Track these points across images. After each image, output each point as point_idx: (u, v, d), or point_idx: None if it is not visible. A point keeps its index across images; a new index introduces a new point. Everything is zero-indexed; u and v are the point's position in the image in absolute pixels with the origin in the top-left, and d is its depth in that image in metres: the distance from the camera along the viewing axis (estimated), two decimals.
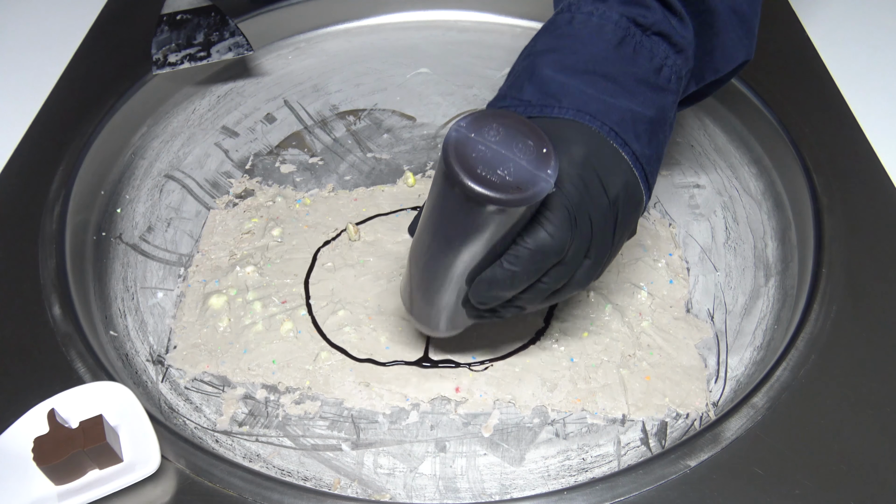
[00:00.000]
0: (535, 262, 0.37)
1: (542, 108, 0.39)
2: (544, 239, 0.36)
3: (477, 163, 0.33)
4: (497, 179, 0.33)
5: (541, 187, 0.33)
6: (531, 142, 0.34)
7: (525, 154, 0.34)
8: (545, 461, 0.45)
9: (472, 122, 0.34)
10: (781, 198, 0.58)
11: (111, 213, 0.59)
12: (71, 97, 0.65)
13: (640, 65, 0.40)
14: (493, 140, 0.34)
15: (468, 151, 0.33)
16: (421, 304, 0.43)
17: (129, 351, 0.51)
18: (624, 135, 0.39)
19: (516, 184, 0.33)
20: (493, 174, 0.33)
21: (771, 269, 0.55)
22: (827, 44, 0.67)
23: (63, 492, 0.40)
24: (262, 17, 0.72)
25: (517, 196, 0.33)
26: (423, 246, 0.39)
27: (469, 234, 0.36)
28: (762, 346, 0.50)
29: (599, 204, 0.37)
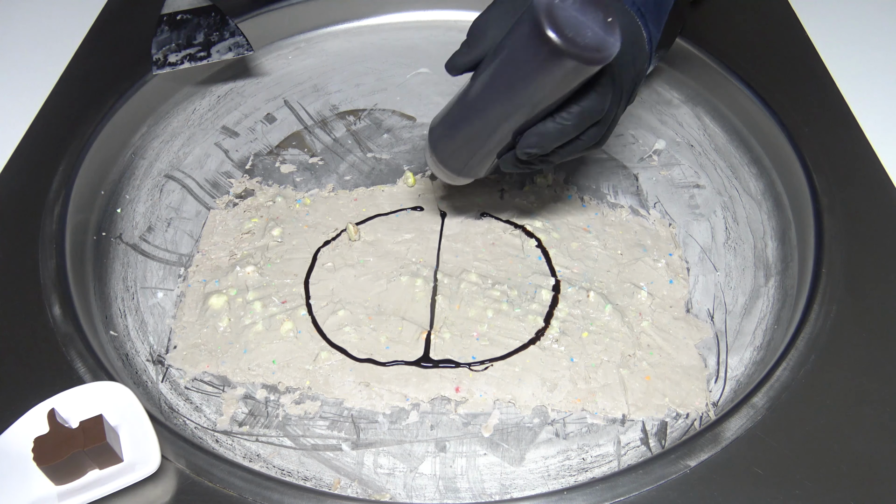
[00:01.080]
0: (584, 119, 0.42)
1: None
2: (594, 99, 0.42)
3: (564, 25, 0.38)
4: (581, 40, 0.38)
5: (612, 50, 0.39)
6: (601, 12, 0.39)
7: (596, 22, 0.39)
8: (545, 461, 0.45)
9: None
10: (781, 198, 0.58)
11: (111, 213, 0.59)
12: (71, 97, 0.65)
13: None
14: (572, 6, 0.39)
15: (556, 15, 0.38)
16: (456, 145, 0.48)
17: (129, 351, 0.51)
18: (647, 15, 0.45)
19: (596, 45, 0.38)
20: (577, 35, 0.38)
21: (771, 269, 0.55)
22: (827, 44, 0.67)
23: (63, 492, 0.40)
24: (262, 17, 0.72)
25: (596, 55, 0.38)
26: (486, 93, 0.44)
27: (543, 86, 0.41)
28: (762, 346, 0.50)
29: (630, 75, 0.44)
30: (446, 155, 0.49)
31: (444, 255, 0.56)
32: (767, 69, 0.64)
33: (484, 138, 0.46)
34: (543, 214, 0.58)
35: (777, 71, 0.64)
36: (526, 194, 0.60)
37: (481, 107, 0.45)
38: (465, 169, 0.49)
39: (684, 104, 0.67)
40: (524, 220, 0.58)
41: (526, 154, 0.45)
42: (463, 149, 0.48)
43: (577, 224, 0.58)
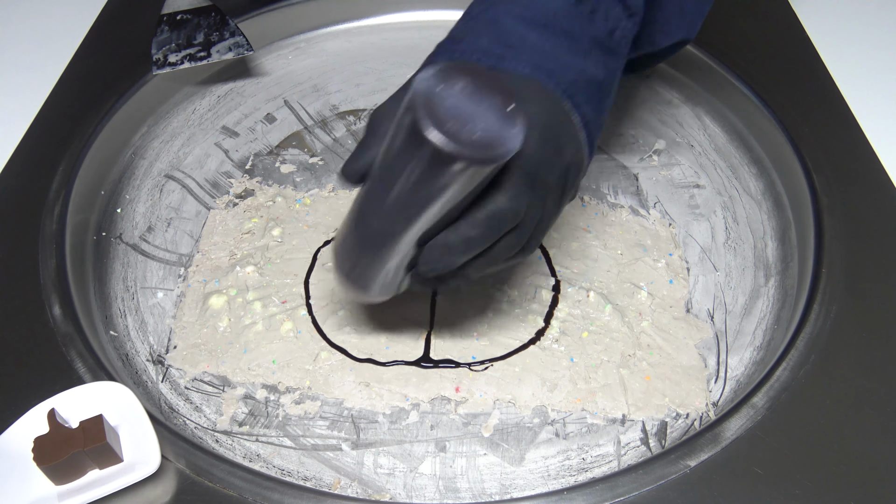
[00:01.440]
0: (492, 227, 0.35)
1: (500, 58, 0.37)
2: (503, 203, 0.34)
3: (446, 118, 0.31)
4: (466, 136, 0.31)
5: (509, 146, 0.31)
6: (498, 98, 0.32)
7: (492, 111, 0.32)
8: (545, 461, 0.45)
9: (440, 73, 0.32)
10: (781, 198, 0.58)
11: (111, 213, 0.59)
12: (71, 97, 0.65)
13: (596, 24, 0.39)
14: (462, 94, 0.32)
15: (436, 104, 0.31)
16: (360, 266, 0.40)
17: (129, 351, 0.51)
18: (576, 97, 0.38)
19: (485, 141, 0.31)
20: (462, 130, 0.31)
21: (771, 269, 0.55)
22: (827, 44, 0.67)
23: (63, 492, 0.40)
24: (262, 17, 0.72)
25: (487, 154, 0.31)
26: (373, 203, 0.36)
27: (430, 193, 0.33)
28: (762, 346, 0.50)
29: (554, 170, 0.37)
30: (348, 272, 0.41)
31: None
32: (767, 69, 0.64)
33: (380, 255, 0.38)
34: None
35: (777, 71, 0.64)
36: None
37: (370, 218, 0.37)
38: (373, 288, 0.41)
39: (684, 104, 0.67)
40: None
41: (430, 272, 0.37)
42: (363, 266, 0.40)
43: (577, 224, 0.58)
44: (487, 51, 0.38)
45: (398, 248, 0.37)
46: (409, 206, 0.35)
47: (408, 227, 0.36)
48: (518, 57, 0.37)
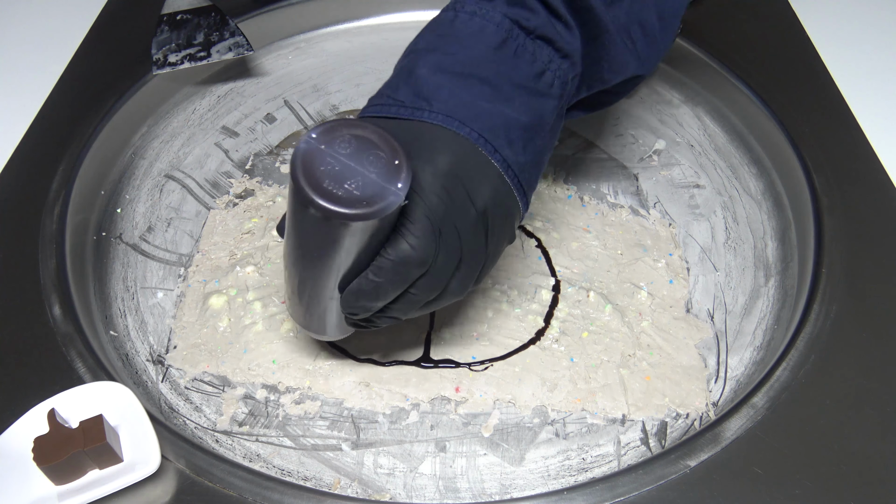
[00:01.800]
0: (399, 274, 0.36)
1: (414, 110, 0.38)
2: (406, 251, 0.35)
3: (324, 176, 0.32)
4: (344, 194, 0.32)
5: (390, 201, 0.32)
6: (383, 153, 0.33)
7: (376, 166, 0.33)
8: (545, 461, 0.45)
9: (323, 133, 0.33)
10: (781, 198, 0.58)
11: (111, 213, 0.59)
12: (71, 97, 0.65)
13: (520, 68, 0.39)
14: (344, 152, 0.33)
15: (316, 164, 0.32)
16: (304, 313, 0.42)
17: (129, 351, 0.51)
18: (494, 141, 0.38)
19: (363, 198, 0.32)
20: (340, 188, 0.32)
21: (771, 269, 0.55)
22: (827, 44, 0.67)
23: (63, 492, 0.40)
24: (262, 17, 0.72)
25: (363, 210, 0.32)
26: (289, 257, 0.38)
27: (326, 247, 0.35)
28: (762, 346, 0.50)
29: (466, 214, 0.37)
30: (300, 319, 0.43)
31: None
32: (767, 69, 0.64)
33: (311, 303, 0.40)
34: (543, 214, 0.58)
35: (777, 71, 0.64)
36: None
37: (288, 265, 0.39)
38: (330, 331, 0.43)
39: (684, 104, 0.67)
40: (524, 220, 0.58)
41: (351, 316, 0.39)
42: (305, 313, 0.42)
43: (577, 224, 0.58)
44: (403, 103, 0.38)
45: (319, 294, 0.39)
46: (313, 259, 0.36)
47: (318, 276, 0.37)
48: (431, 108, 0.38)
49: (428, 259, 0.36)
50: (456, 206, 0.36)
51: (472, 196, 0.37)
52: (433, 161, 0.36)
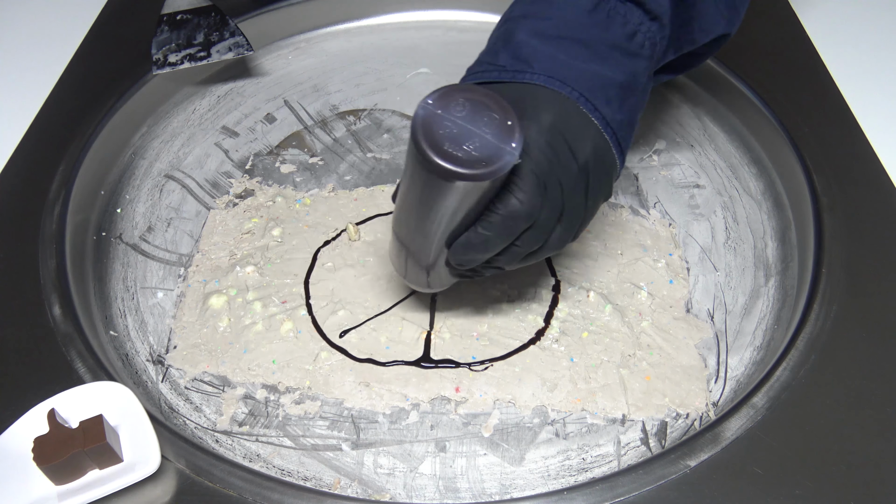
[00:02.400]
0: (507, 227, 0.38)
1: (515, 73, 0.40)
2: (514, 205, 0.37)
3: (444, 139, 0.34)
4: (463, 155, 0.33)
5: (505, 161, 0.34)
6: (496, 115, 0.34)
7: (490, 128, 0.34)
8: (545, 461, 0.45)
9: (439, 98, 0.35)
10: (781, 198, 0.58)
11: (111, 213, 0.59)
12: (71, 97, 0.65)
13: (612, 30, 0.40)
14: (460, 115, 0.34)
15: (435, 128, 0.34)
16: (408, 265, 0.44)
17: (129, 351, 0.51)
18: (594, 99, 0.39)
19: (482, 158, 0.33)
20: (459, 150, 0.33)
21: (771, 269, 0.55)
22: (827, 44, 0.67)
23: (63, 492, 0.40)
24: (262, 17, 0.72)
25: (483, 171, 0.33)
26: (403, 214, 0.41)
27: (441, 205, 0.37)
28: (762, 346, 0.50)
29: (569, 169, 0.38)
30: (404, 274, 0.46)
31: None
32: (767, 69, 0.64)
33: (422, 256, 0.42)
34: None
35: (777, 71, 0.64)
36: None
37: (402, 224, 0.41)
38: (432, 283, 0.45)
39: (684, 104, 0.67)
40: None
41: (459, 266, 0.41)
42: (415, 267, 0.44)
43: None
44: (504, 67, 0.40)
45: (429, 248, 0.41)
46: (428, 216, 0.38)
47: (430, 232, 0.39)
48: (532, 69, 0.39)
49: (534, 213, 0.38)
50: (560, 162, 0.38)
51: (575, 151, 0.39)
52: (538, 119, 0.38)
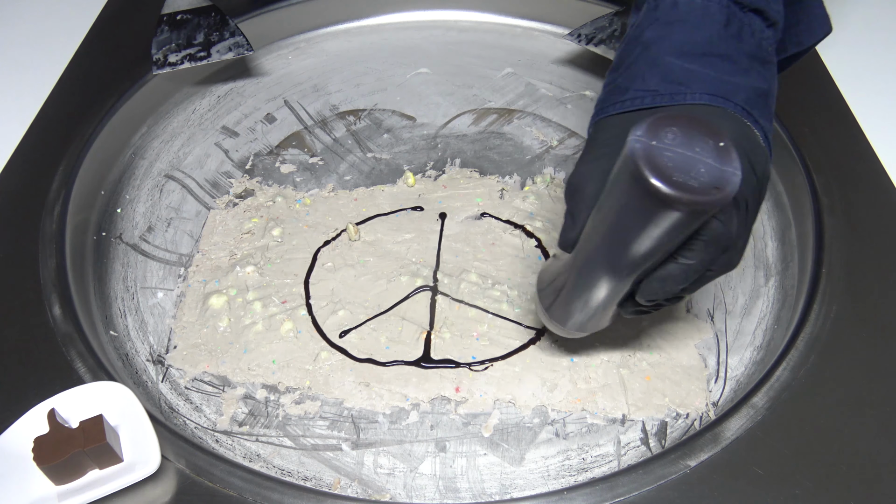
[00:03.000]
0: (709, 253, 0.36)
1: (672, 95, 0.39)
2: (718, 229, 0.36)
3: (672, 171, 0.32)
4: (696, 184, 0.32)
5: (734, 183, 0.32)
6: (709, 139, 0.33)
7: (707, 152, 0.33)
8: (545, 461, 0.45)
9: (649, 129, 0.33)
10: (781, 198, 0.58)
11: (111, 213, 0.59)
12: (71, 97, 0.65)
13: (746, 41, 0.40)
14: (674, 143, 0.33)
15: (658, 160, 0.32)
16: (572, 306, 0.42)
17: (129, 351, 0.51)
18: (753, 111, 0.39)
19: (713, 184, 0.32)
20: (690, 179, 0.32)
21: (771, 269, 0.55)
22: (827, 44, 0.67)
23: (63, 492, 0.40)
24: (262, 17, 0.72)
25: (718, 196, 0.32)
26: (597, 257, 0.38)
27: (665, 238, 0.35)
28: (762, 346, 0.50)
29: (753, 186, 0.38)
30: (564, 317, 0.43)
31: (444, 255, 0.56)
32: None
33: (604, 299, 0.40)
34: (543, 214, 0.58)
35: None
36: (526, 194, 0.60)
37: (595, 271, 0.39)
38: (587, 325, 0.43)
39: None
40: (524, 220, 0.58)
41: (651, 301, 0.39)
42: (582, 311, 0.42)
43: None
44: (657, 91, 0.39)
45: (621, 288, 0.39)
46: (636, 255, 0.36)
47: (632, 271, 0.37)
48: (691, 89, 0.39)
49: (732, 234, 0.36)
50: (747, 180, 0.37)
51: (754, 166, 0.38)
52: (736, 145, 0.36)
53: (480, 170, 0.62)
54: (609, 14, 0.67)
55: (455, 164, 0.63)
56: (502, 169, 0.62)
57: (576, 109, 0.67)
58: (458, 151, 0.64)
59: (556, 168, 0.62)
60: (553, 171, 0.62)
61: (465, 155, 0.64)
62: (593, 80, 0.69)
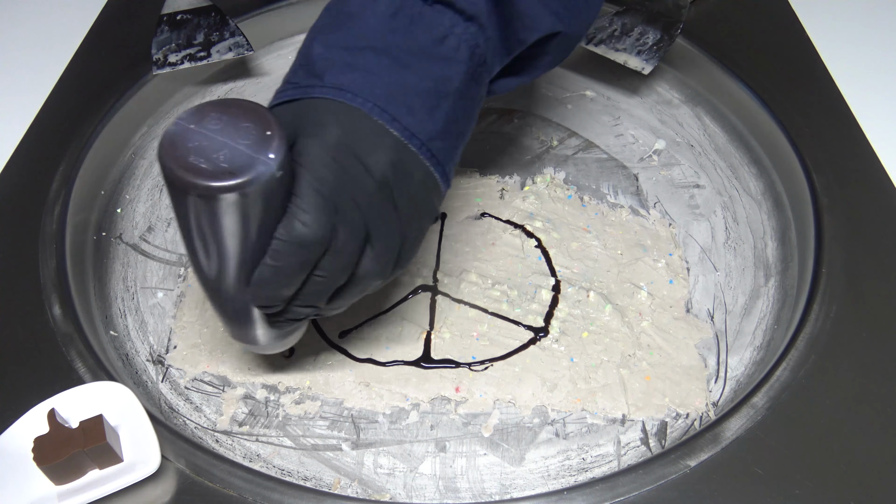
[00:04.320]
0: (297, 255, 0.35)
1: (307, 88, 0.37)
2: (298, 228, 0.34)
3: (190, 152, 0.31)
4: (210, 166, 0.31)
5: (259, 171, 0.31)
6: (254, 127, 0.32)
7: (246, 139, 0.32)
8: (545, 461, 0.45)
9: (193, 113, 0.33)
10: (781, 198, 0.58)
11: (111, 213, 0.59)
12: (71, 97, 0.64)
13: (417, 35, 0.37)
14: (214, 129, 0.32)
15: (184, 142, 0.32)
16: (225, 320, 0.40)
17: (129, 351, 0.51)
18: (390, 109, 0.36)
19: (231, 169, 0.31)
20: (206, 162, 0.31)
21: (771, 269, 0.55)
22: (827, 44, 0.67)
23: (63, 492, 0.40)
24: (262, 17, 0.72)
25: (230, 182, 0.31)
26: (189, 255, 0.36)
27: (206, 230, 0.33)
28: (762, 346, 0.50)
29: (363, 186, 0.35)
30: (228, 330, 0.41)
31: (444, 255, 0.56)
32: (767, 69, 0.64)
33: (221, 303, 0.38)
34: (543, 214, 0.58)
35: (777, 71, 0.64)
36: (526, 194, 0.60)
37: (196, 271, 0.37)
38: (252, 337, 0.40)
39: (684, 104, 0.67)
40: (524, 220, 0.58)
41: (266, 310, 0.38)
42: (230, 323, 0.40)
43: (577, 224, 0.58)
44: (298, 84, 0.37)
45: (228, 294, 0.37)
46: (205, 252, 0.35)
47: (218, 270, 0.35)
48: (322, 83, 0.37)
49: (323, 236, 0.34)
50: (350, 178, 0.35)
51: (368, 166, 0.35)
52: (321, 134, 0.35)
53: (480, 170, 0.62)
54: (609, 14, 0.68)
55: None
56: (502, 169, 0.62)
57: (576, 109, 0.67)
58: None
59: (556, 168, 0.62)
60: (553, 171, 0.62)
61: (465, 155, 0.64)
62: (593, 81, 0.69)
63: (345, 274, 0.37)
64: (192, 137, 0.32)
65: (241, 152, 0.32)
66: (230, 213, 0.32)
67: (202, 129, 0.32)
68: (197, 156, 0.31)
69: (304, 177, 0.34)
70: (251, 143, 0.32)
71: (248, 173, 0.31)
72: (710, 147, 0.64)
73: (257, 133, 0.32)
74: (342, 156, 0.35)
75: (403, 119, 0.36)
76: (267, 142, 0.32)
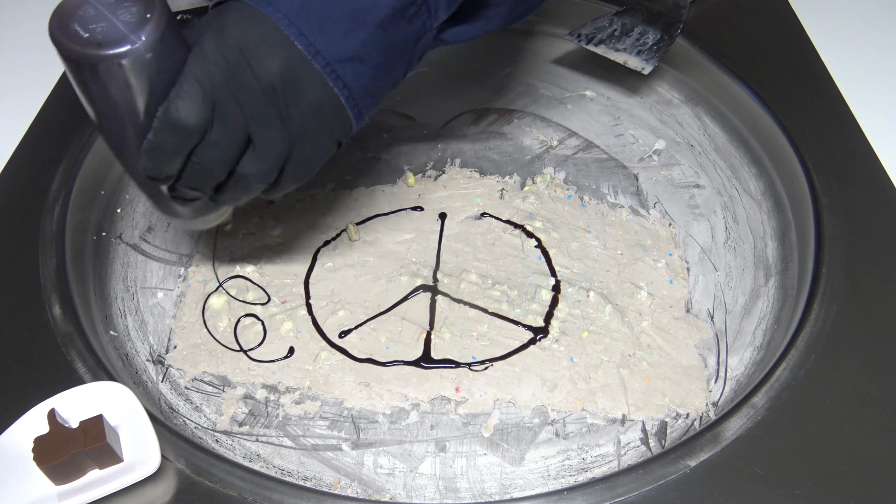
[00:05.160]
0: (171, 135, 0.37)
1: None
2: (172, 111, 0.36)
3: (75, 19, 0.34)
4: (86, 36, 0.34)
5: (122, 46, 0.34)
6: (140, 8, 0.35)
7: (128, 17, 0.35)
8: (545, 461, 0.45)
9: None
10: (781, 198, 0.58)
11: (111, 213, 0.59)
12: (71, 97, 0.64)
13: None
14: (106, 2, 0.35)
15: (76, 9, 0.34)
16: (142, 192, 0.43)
17: (129, 351, 0.51)
18: (299, 23, 0.37)
19: (102, 41, 0.34)
20: (85, 31, 0.34)
21: (771, 269, 0.55)
22: (827, 44, 0.67)
23: (63, 492, 0.40)
24: None
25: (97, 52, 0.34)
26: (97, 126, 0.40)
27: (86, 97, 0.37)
28: (762, 346, 0.50)
29: (248, 88, 0.37)
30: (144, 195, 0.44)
31: (444, 255, 0.56)
32: (767, 69, 0.64)
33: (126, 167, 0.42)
34: (543, 214, 0.58)
35: (777, 71, 0.64)
36: (526, 194, 0.60)
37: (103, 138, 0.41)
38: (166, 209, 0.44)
39: (684, 104, 0.67)
40: (524, 220, 0.58)
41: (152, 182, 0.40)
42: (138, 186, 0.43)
43: (577, 224, 0.58)
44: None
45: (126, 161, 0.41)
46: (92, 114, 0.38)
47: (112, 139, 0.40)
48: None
49: (195, 123, 0.36)
50: (236, 77, 0.36)
51: (256, 70, 0.37)
52: (220, 32, 0.37)
53: (480, 170, 0.62)
54: (609, 14, 0.67)
55: (455, 164, 0.63)
56: (502, 169, 0.62)
57: (576, 109, 0.67)
58: (458, 151, 0.64)
59: (556, 168, 0.62)
60: (553, 171, 0.62)
61: (465, 155, 0.64)
62: (593, 80, 0.69)
63: (222, 167, 0.39)
64: (84, 6, 0.35)
65: (117, 28, 0.34)
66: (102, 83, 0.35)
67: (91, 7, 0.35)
68: (79, 24, 0.34)
69: (190, 66, 0.36)
70: (129, 22, 0.35)
71: (115, 48, 0.34)
72: (710, 147, 0.64)
73: (139, 14, 0.35)
74: (233, 56, 0.36)
75: (312, 35, 0.37)
76: (143, 24, 0.35)
